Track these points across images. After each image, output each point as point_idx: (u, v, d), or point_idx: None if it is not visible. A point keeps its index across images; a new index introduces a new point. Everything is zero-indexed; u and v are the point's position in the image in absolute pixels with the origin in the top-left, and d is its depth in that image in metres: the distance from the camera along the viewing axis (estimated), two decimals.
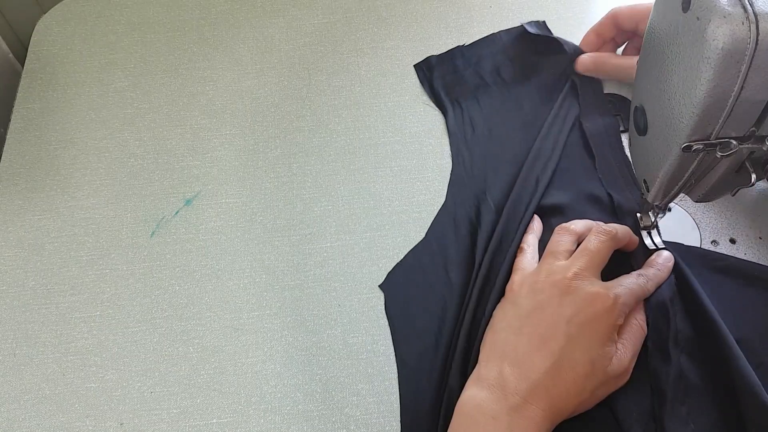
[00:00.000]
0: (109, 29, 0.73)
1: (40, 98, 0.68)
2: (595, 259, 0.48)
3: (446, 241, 0.57)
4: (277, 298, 0.55)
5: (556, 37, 0.68)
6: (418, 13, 0.74)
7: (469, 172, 0.60)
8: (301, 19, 0.74)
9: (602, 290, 0.46)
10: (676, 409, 0.46)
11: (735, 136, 0.39)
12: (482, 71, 0.67)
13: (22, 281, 0.57)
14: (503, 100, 0.65)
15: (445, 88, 0.66)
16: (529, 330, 0.45)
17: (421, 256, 0.56)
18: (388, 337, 0.53)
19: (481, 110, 0.64)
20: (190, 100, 0.68)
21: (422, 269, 0.55)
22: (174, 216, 0.60)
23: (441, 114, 0.65)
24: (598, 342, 0.44)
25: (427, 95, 0.67)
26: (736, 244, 0.56)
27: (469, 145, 0.62)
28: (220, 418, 0.50)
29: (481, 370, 0.46)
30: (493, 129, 0.63)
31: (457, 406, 0.45)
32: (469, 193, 0.59)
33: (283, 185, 0.62)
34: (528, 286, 0.49)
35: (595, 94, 0.64)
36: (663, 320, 0.49)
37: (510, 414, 0.42)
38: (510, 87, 0.66)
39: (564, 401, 0.43)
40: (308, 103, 0.67)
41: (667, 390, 0.46)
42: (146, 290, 0.56)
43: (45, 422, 0.50)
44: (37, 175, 0.63)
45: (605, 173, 0.59)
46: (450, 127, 0.63)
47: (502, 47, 0.69)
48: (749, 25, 0.34)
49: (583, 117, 0.62)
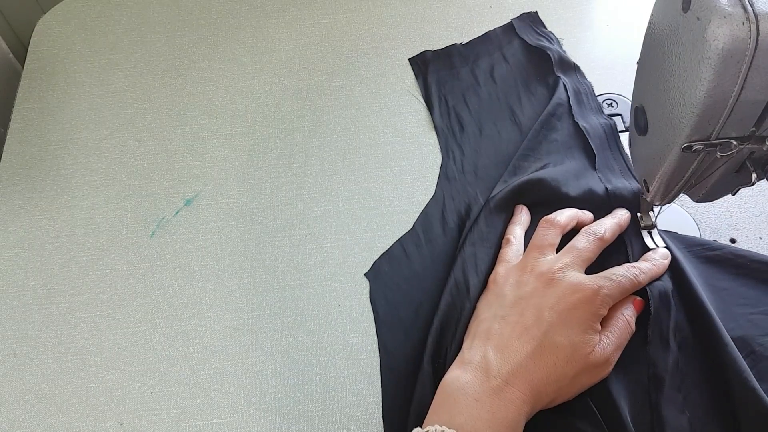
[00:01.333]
0: (109, 29, 0.73)
1: (40, 98, 0.68)
2: (580, 256, 0.49)
3: (433, 233, 0.57)
4: (277, 298, 0.55)
5: (540, 46, 0.68)
6: (418, 13, 0.74)
7: (460, 168, 0.61)
8: (301, 19, 0.74)
9: (585, 280, 0.47)
10: (674, 396, 0.46)
11: (735, 137, 0.39)
12: (478, 70, 0.68)
13: (22, 281, 0.57)
14: (494, 104, 0.65)
15: (438, 82, 0.67)
16: (513, 318, 0.47)
17: (407, 245, 0.57)
18: None
19: (469, 111, 0.65)
20: (190, 100, 0.68)
21: (408, 259, 0.56)
22: (174, 216, 0.60)
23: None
24: (579, 328, 0.45)
25: (419, 88, 0.67)
26: (736, 244, 0.56)
27: (459, 143, 0.62)
28: (220, 418, 0.50)
29: (465, 354, 0.46)
30: (483, 129, 0.63)
31: (440, 387, 0.45)
32: (460, 187, 0.59)
33: (283, 185, 0.62)
34: (513, 278, 0.50)
35: (587, 96, 0.64)
36: (665, 309, 0.49)
37: (491, 396, 0.43)
38: (501, 89, 0.66)
39: (544, 385, 0.44)
40: (308, 103, 0.67)
41: (665, 377, 0.47)
42: (146, 290, 0.56)
43: (45, 422, 0.50)
44: (37, 175, 0.63)
45: (604, 170, 0.59)
46: (436, 123, 0.64)
47: (498, 44, 0.70)
48: (749, 25, 0.34)
49: (578, 118, 0.62)
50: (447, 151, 0.62)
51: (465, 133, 0.63)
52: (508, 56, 0.68)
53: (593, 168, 0.59)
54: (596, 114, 0.63)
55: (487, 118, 0.64)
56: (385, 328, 0.53)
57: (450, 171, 0.61)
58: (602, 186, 0.57)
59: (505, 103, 0.65)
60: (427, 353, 0.49)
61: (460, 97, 0.66)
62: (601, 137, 0.61)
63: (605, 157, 0.60)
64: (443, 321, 0.50)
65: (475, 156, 0.61)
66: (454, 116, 0.64)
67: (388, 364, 0.51)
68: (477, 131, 0.63)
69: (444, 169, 0.61)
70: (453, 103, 0.65)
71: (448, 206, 0.58)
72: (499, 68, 0.68)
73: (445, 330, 0.50)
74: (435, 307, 0.52)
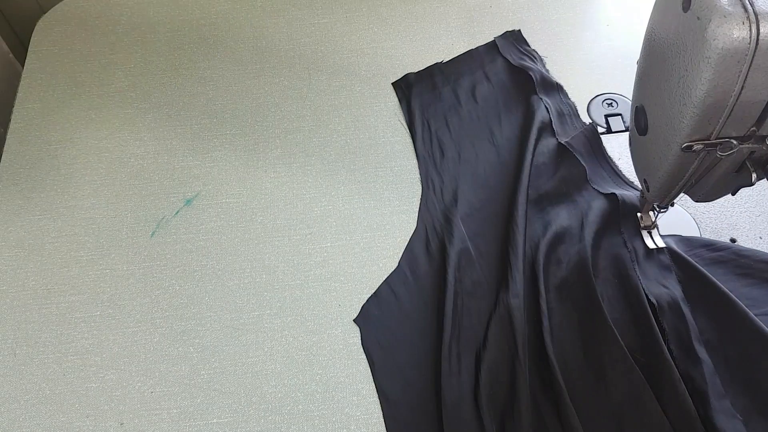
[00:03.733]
0: (109, 29, 0.73)
1: (40, 98, 0.68)
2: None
3: (420, 270, 0.55)
4: (277, 298, 0.55)
5: (522, 66, 0.67)
6: (418, 13, 0.74)
7: (440, 197, 0.60)
8: (301, 19, 0.74)
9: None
10: (721, 403, 0.46)
11: (735, 136, 0.39)
12: (459, 89, 0.67)
13: (22, 281, 0.56)
14: (473, 123, 0.65)
15: (421, 106, 0.66)
16: None
17: (395, 285, 0.55)
18: None
19: (450, 134, 0.64)
20: (190, 100, 0.68)
21: (397, 299, 0.54)
22: (174, 216, 0.60)
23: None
24: None
25: (403, 113, 0.66)
26: (736, 244, 0.56)
27: (438, 170, 0.61)
28: (220, 418, 0.50)
29: None
30: (462, 152, 0.63)
31: None
32: (441, 218, 0.58)
33: (283, 185, 0.62)
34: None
35: (570, 117, 0.64)
36: (679, 321, 0.48)
37: None
38: (482, 109, 0.65)
39: None
40: (308, 103, 0.67)
41: (706, 389, 0.46)
42: (146, 290, 0.56)
43: (45, 422, 0.50)
44: (37, 175, 0.63)
45: (596, 180, 0.59)
46: (418, 151, 0.63)
47: (480, 63, 0.69)
48: (749, 25, 0.34)
49: (560, 137, 0.62)
50: (427, 181, 0.61)
51: (445, 158, 0.62)
52: (491, 75, 0.68)
53: (586, 179, 0.59)
54: (578, 127, 0.63)
55: (466, 140, 0.63)
56: (383, 376, 0.51)
57: (430, 202, 0.59)
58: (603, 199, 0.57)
59: (485, 123, 0.64)
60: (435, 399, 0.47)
61: (442, 120, 0.65)
62: (585, 146, 0.61)
63: (593, 165, 0.60)
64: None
65: (454, 183, 0.60)
66: (435, 142, 0.63)
67: (392, 415, 0.49)
68: (456, 156, 0.62)
69: (424, 200, 0.60)
70: (435, 127, 0.64)
71: (432, 239, 0.57)
72: (480, 87, 0.67)
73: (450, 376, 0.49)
74: (433, 352, 0.50)
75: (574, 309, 0.52)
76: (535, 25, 0.73)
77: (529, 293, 0.52)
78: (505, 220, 0.57)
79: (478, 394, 0.48)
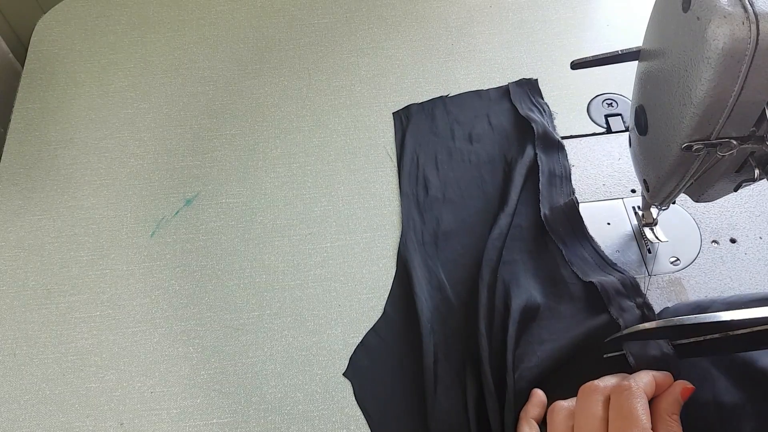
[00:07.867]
0: (109, 29, 0.73)
1: (40, 98, 0.68)
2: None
3: (406, 312, 0.54)
4: (277, 298, 0.55)
5: (527, 117, 0.64)
6: (418, 13, 0.74)
7: (420, 238, 0.58)
8: (301, 19, 0.74)
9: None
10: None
11: (735, 136, 0.39)
12: (456, 126, 0.65)
13: (22, 281, 0.57)
14: (464, 165, 0.63)
15: (414, 140, 0.64)
16: None
17: (382, 332, 0.53)
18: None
19: (437, 172, 0.62)
20: (190, 100, 0.68)
21: (386, 347, 0.53)
22: (174, 216, 0.60)
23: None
24: None
25: (395, 147, 0.64)
26: (736, 244, 0.56)
27: (420, 209, 0.60)
28: (220, 418, 0.50)
29: None
30: (447, 192, 0.61)
31: None
32: (420, 260, 0.56)
33: (283, 185, 0.62)
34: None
35: (561, 179, 0.61)
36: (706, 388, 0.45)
37: None
38: (475, 152, 0.63)
39: None
40: (308, 103, 0.67)
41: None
42: (146, 290, 0.56)
43: (45, 422, 0.50)
44: (37, 175, 0.63)
45: (577, 263, 0.56)
46: (403, 188, 0.61)
47: (487, 104, 0.67)
48: (749, 25, 0.34)
49: (542, 200, 0.59)
50: (408, 220, 0.59)
51: (428, 197, 0.60)
52: (493, 119, 0.66)
53: (565, 261, 0.56)
54: (565, 197, 0.60)
55: (453, 181, 0.62)
56: (379, 428, 0.49)
57: (410, 241, 0.57)
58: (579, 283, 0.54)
59: (476, 167, 0.62)
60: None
61: (432, 156, 0.63)
62: (564, 225, 0.58)
63: (574, 248, 0.57)
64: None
65: (435, 223, 0.59)
66: (421, 179, 0.62)
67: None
68: (441, 196, 0.60)
69: (404, 239, 0.58)
70: (423, 162, 0.62)
71: (416, 282, 0.55)
72: (479, 129, 0.65)
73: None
74: (428, 398, 0.49)
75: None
76: (535, 25, 0.73)
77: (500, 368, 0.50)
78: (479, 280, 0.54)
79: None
